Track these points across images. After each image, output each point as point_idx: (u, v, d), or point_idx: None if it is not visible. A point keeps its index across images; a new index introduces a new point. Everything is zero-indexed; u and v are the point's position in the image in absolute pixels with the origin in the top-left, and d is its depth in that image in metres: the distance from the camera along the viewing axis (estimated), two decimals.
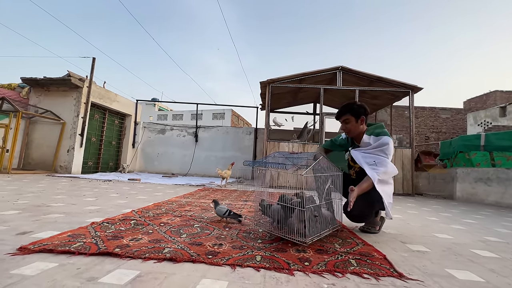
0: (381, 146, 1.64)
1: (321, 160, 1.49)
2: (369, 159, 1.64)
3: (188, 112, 33.35)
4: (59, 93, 5.84)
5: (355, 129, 1.72)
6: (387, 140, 1.64)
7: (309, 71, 5.55)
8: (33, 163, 5.69)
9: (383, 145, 1.63)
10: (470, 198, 4.53)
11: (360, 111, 1.69)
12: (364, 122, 1.72)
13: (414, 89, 5.40)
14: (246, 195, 3.52)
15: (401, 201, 3.98)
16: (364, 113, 1.70)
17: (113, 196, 2.74)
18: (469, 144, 4.84)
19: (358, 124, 1.71)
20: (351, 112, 1.70)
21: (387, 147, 1.62)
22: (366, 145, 1.70)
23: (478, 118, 11.23)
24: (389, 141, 1.64)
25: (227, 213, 1.74)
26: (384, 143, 1.63)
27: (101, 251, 1.07)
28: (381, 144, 1.64)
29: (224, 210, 1.75)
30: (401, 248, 1.41)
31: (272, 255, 1.16)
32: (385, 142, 1.63)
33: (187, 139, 7.88)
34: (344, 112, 1.72)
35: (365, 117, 1.71)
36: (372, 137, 1.69)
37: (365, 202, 1.57)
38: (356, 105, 1.71)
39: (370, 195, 1.59)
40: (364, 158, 1.65)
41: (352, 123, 1.71)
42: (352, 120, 1.71)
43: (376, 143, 1.66)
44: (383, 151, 1.62)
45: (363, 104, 1.72)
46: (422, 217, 2.53)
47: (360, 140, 1.74)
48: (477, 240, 1.69)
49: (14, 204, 1.99)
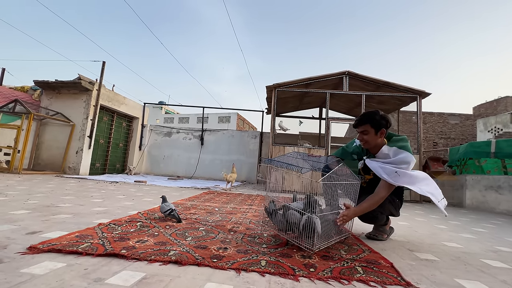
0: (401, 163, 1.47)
1: (341, 167, 1.42)
2: (389, 170, 1.47)
3: (194, 115, 33.66)
4: (69, 95, 5.98)
5: (372, 141, 1.56)
6: (409, 159, 1.46)
7: (315, 76, 5.56)
8: (43, 164, 5.82)
9: (400, 161, 1.47)
10: (480, 206, 4.42)
11: (382, 123, 1.52)
12: (384, 135, 1.56)
13: (422, 95, 5.34)
14: (251, 199, 3.51)
15: (408, 208, 3.91)
16: (385, 126, 1.53)
17: (120, 198, 2.77)
18: (479, 151, 4.74)
19: (377, 136, 1.54)
20: (371, 123, 1.53)
21: (407, 166, 1.46)
22: (384, 156, 1.54)
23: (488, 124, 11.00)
24: (411, 160, 1.46)
25: (168, 212, 1.77)
26: (406, 161, 1.46)
27: (108, 252, 1.09)
28: (401, 161, 1.47)
29: (167, 208, 1.78)
30: (408, 256, 1.39)
31: (277, 260, 1.15)
32: (406, 160, 1.46)
33: (193, 142, 7.94)
34: (364, 121, 1.55)
35: (386, 130, 1.55)
36: (393, 149, 1.52)
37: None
38: (379, 116, 1.53)
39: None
40: (383, 169, 1.48)
41: (370, 134, 1.54)
42: (371, 131, 1.54)
43: (395, 158, 1.49)
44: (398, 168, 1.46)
45: (386, 116, 1.55)
46: (430, 225, 2.48)
47: (377, 151, 1.59)
48: (487, 250, 1.65)
49: (25, 204, 2.03)
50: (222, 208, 2.55)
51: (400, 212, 1.80)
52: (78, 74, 5.92)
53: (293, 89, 5.71)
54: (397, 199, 1.68)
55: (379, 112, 1.56)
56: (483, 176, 4.52)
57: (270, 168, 1.57)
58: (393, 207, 1.66)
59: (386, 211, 1.61)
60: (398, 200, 1.69)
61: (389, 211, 1.64)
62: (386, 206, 1.59)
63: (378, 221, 1.61)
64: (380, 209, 1.56)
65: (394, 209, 1.67)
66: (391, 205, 1.63)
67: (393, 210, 1.66)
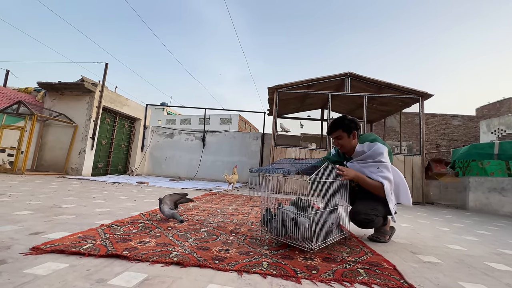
0: (376, 154, 1.58)
1: (326, 166, 1.47)
2: (371, 168, 1.59)
3: (196, 116, 33.76)
4: (72, 97, 6.02)
5: (347, 144, 1.69)
6: (382, 149, 1.58)
7: (317, 77, 5.56)
8: (46, 165, 5.85)
9: (378, 153, 1.58)
10: (484, 208, 4.38)
11: (352, 126, 1.66)
12: (356, 136, 1.69)
13: (424, 96, 5.32)
14: (252, 200, 3.51)
15: (411, 210, 3.88)
16: (355, 128, 1.67)
17: (122, 199, 2.78)
18: (482, 153, 4.70)
19: (351, 139, 1.68)
20: (342, 127, 1.67)
21: (383, 155, 1.58)
22: (360, 153, 1.65)
23: (491, 125, 10.93)
24: (384, 150, 1.58)
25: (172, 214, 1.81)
26: (379, 151, 1.58)
27: (110, 253, 1.09)
28: (375, 152, 1.59)
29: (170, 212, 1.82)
30: (411, 258, 1.38)
31: (279, 262, 1.15)
32: (379, 151, 1.58)
33: (194, 143, 7.96)
34: (336, 128, 1.69)
35: (356, 131, 1.68)
36: (366, 144, 1.64)
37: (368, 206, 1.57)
38: (347, 120, 1.68)
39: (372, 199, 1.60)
40: (366, 168, 1.60)
41: (344, 138, 1.68)
42: (345, 135, 1.67)
43: (371, 150, 1.61)
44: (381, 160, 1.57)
45: (354, 119, 1.70)
46: (433, 227, 2.46)
47: (352, 153, 1.70)
48: (491, 253, 1.63)
49: (28, 205, 2.04)
50: (224, 209, 2.55)
51: (403, 214, 1.79)
52: (81, 75, 5.97)
53: (295, 91, 5.71)
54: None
55: (347, 116, 1.71)
56: (486, 178, 4.49)
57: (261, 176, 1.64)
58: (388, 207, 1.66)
59: (381, 212, 1.62)
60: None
61: (384, 212, 1.64)
62: (380, 208, 1.60)
63: (375, 224, 1.61)
64: (374, 211, 1.57)
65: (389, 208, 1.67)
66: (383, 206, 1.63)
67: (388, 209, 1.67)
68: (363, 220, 1.56)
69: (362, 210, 1.56)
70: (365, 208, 1.56)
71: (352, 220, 1.59)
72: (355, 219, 1.58)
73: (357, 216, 1.56)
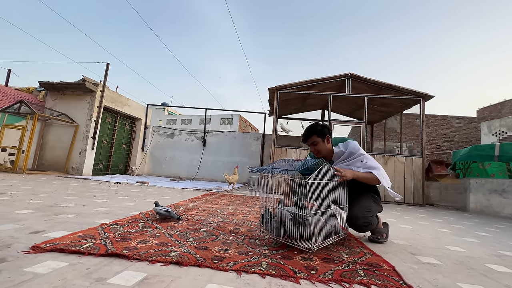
0: (355, 150, 1.69)
1: (324, 167, 1.47)
2: (356, 163, 1.67)
3: (197, 117, 33.78)
4: (73, 96, 6.04)
5: (323, 149, 1.76)
6: (355, 144, 1.72)
7: (318, 78, 5.56)
8: (47, 164, 5.87)
9: (356, 149, 1.69)
10: (484, 210, 4.37)
11: (325, 131, 1.74)
12: (330, 141, 1.77)
13: (425, 97, 5.32)
14: (252, 200, 3.51)
15: (411, 211, 3.88)
16: (328, 133, 1.76)
17: (122, 198, 2.79)
18: (483, 154, 4.69)
19: (325, 143, 1.75)
20: (316, 133, 1.73)
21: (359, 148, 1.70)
22: (340, 154, 1.74)
23: (492, 127, 10.90)
24: (356, 144, 1.72)
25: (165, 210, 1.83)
26: (356, 147, 1.70)
27: (109, 252, 1.09)
28: (354, 148, 1.70)
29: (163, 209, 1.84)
30: (410, 259, 1.38)
31: (278, 262, 1.15)
32: (355, 146, 1.70)
33: (195, 144, 7.96)
34: (310, 135, 1.75)
35: (330, 136, 1.77)
36: (340, 145, 1.75)
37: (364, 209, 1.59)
38: (320, 126, 1.76)
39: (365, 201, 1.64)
40: (352, 166, 1.67)
41: (320, 144, 1.74)
42: (319, 141, 1.74)
43: (348, 149, 1.71)
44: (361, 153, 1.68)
45: (325, 125, 1.78)
46: (433, 228, 2.46)
47: (331, 157, 1.78)
48: (491, 254, 1.63)
49: (28, 204, 2.05)
50: (224, 209, 2.55)
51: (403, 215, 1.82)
52: (82, 75, 5.99)
53: (296, 91, 5.71)
54: (375, 194, 1.75)
55: (319, 123, 1.78)
56: (487, 180, 4.48)
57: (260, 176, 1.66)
58: (377, 205, 1.72)
59: (374, 211, 1.66)
60: (377, 195, 1.75)
61: (376, 211, 1.69)
62: (373, 208, 1.65)
63: (372, 226, 1.64)
64: (369, 213, 1.61)
65: (378, 206, 1.73)
66: (376, 204, 1.69)
67: (378, 208, 1.73)
68: (362, 225, 1.57)
69: (359, 215, 1.56)
70: (361, 212, 1.57)
71: (350, 225, 1.59)
72: (354, 224, 1.58)
73: (356, 221, 1.56)
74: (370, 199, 1.66)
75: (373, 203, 1.66)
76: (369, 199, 1.66)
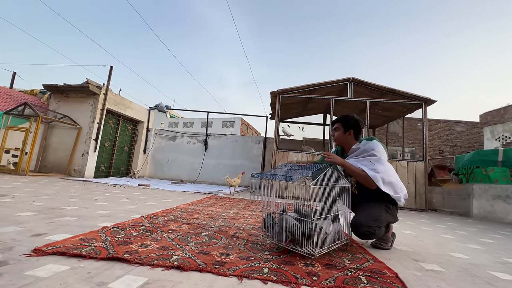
0: (369, 149, 1.63)
1: (328, 171, 1.47)
2: (364, 161, 1.62)
3: (199, 119, 33.88)
4: (77, 99, 6.09)
5: (340, 138, 1.76)
6: (376, 145, 1.62)
7: (320, 82, 5.57)
8: (49, 166, 5.89)
9: (372, 148, 1.62)
10: (488, 216, 4.32)
11: (350, 123, 1.72)
12: (352, 135, 1.74)
13: (427, 102, 5.30)
14: (254, 204, 3.49)
15: (414, 216, 3.84)
16: (354, 127, 1.72)
17: (124, 201, 2.79)
18: (486, 159, 4.66)
19: (346, 135, 1.74)
20: (342, 122, 1.75)
21: (376, 150, 1.61)
22: (355, 150, 1.70)
23: (495, 132, 10.83)
24: (377, 146, 1.62)
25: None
26: (372, 147, 1.62)
27: (111, 256, 1.09)
28: (369, 147, 1.63)
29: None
30: (414, 266, 1.36)
31: (280, 267, 1.14)
32: (372, 146, 1.62)
33: (196, 147, 7.98)
34: (337, 120, 1.79)
35: (353, 131, 1.73)
36: (362, 142, 1.70)
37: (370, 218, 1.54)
38: (350, 118, 1.74)
39: (374, 210, 1.57)
40: (359, 162, 1.63)
41: (339, 132, 1.75)
42: (341, 129, 1.75)
43: (364, 147, 1.66)
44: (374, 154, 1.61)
45: (359, 121, 1.73)
46: (436, 234, 2.44)
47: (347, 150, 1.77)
48: (496, 262, 1.61)
49: (30, 206, 2.06)
50: (225, 213, 2.55)
51: (405, 221, 1.79)
52: (86, 78, 6.04)
53: (298, 95, 5.72)
54: (391, 205, 1.67)
55: (354, 116, 1.76)
56: (490, 185, 4.44)
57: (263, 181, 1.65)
58: (390, 215, 1.65)
59: (383, 222, 1.59)
60: (392, 205, 1.68)
61: (386, 222, 1.62)
62: (382, 219, 1.57)
63: (376, 236, 1.57)
64: (376, 223, 1.53)
65: (391, 216, 1.66)
66: (388, 214, 1.62)
67: (390, 218, 1.65)
68: (364, 233, 1.53)
69: (364, 222, 1.52)
70: (366, 220, 1.53)
71: (353, 231, 1.56)
72: (357, 231, 1.54)
73: (359, 228, 1.52)
74: (380, 209, 1.59)
75: (384, 213, 1.59)
76: (380, 208, 1.59)
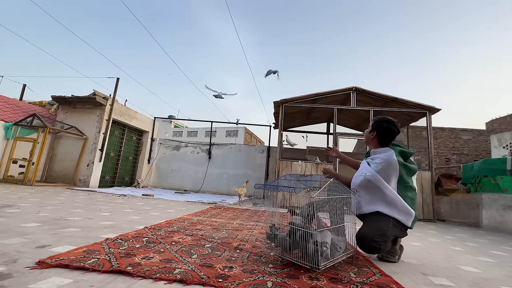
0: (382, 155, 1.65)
1: (332, 182, 1.47)
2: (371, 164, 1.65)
3: (203, 129, 34.14)
4: (84, 110, 6.22)
5: (365, 135, 1.81)
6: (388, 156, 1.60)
7: (323, 92, 5.61)
8: (55, 176, 5.96)
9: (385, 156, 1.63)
10: (498, 226, 4.20)
11: (377, 125, 1.73)
12: (375, 137, 1.74)
13: (432, 110, 5.28)
14: (257, 215, 3.46)
15: (421, 227, 3.75)
16: (379, 130, 1.71)
17: (127, 212, 2.79)
18: (494, 168, 4.57)
19: (370, 135, 1.76)
20: (374, 120, 1.78)
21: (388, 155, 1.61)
22: (373, 153, 1.75)
23: (503, 140, 10.66)
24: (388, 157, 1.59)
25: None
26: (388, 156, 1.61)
27: (113, 269, 1.08)
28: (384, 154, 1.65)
29: None
30: (422, 280, 1.32)
31: (284, 281, 1.12)
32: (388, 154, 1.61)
33: (200, 156, 8.01)
34: (372, 122, 1.82)
35: (377, 133, 1.73)
36: (386, 148, 1.70)
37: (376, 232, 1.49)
38: (382, 120, 1.74)
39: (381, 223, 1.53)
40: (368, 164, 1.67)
41: (367, 130, 1.80)
42: (369, 126, 1.79)
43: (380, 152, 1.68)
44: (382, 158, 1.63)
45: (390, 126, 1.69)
46: (445, 246, 2.37)
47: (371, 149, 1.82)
48: (508, 276, 1.55)
49: (36, 216, 2.07)
50: (228, 224, 2.53)
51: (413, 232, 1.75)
52: (93, 89, 6.19)
53: (301, 105, 5.76)
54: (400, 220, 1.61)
55: (386, 119, 1.73)
56: (500, 195, 4.33)
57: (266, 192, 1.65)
58: (398, 230, 1.58)
59: (390, 237, 1.53)
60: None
61: (393, 236, 1.56)
62: (389, 233, 1.51)
63: (382, 251, 1.51)
64: (381, 237, 1.47)
65: (399, 231, 1.59)
66: (396, 229, 1.55)
67: (398, 232, 1.59)
68: (369, 247, 1.48)
69: (369, 236, 1.47)
70: (371, 233, 1.48)
71: (358, 244, 1.51)
72: (362, 244, 1.49)
73: (364, 242, 1.48)
74: (388, 222, 1.54)
75: (391, 227, 1.53)
76: (387, 222, 1.54)
